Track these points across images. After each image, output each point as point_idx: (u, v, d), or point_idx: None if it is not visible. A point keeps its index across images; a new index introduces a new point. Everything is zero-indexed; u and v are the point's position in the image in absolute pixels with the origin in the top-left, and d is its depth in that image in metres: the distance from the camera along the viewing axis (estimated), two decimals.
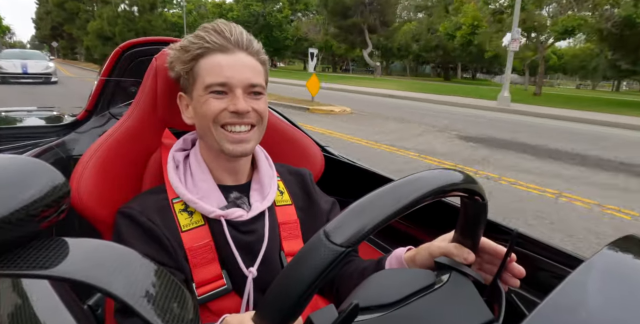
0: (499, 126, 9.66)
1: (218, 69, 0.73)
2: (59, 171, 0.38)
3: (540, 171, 5.41)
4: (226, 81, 0.73)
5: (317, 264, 0.42)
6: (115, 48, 1.53)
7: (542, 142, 7.50)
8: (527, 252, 0.86)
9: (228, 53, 0.74)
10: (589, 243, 3.15)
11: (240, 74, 0.74)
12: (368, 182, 1.34)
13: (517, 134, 8.42)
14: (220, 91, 0.74)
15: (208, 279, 0.75)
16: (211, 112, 0.74)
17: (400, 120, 9.76)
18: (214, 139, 0.76)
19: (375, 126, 8.57)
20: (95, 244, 0.38)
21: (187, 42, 0.76)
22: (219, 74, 0.73)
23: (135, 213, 0.74)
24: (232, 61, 0.74)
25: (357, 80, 26.67)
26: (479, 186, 0.56)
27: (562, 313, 0.48)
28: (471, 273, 0.62)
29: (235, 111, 0.73)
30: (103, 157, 0.83)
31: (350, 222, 0.44)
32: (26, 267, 0.33)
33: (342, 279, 0.84)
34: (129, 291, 0.34)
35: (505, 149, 6.73)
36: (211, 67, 0.74)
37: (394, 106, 13.35)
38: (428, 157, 5.93)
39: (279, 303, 0.43)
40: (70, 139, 1.55)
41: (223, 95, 0.74)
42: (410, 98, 16.26)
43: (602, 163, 6.03)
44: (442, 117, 10.65)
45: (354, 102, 13.22)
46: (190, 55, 0.75)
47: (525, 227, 2.33)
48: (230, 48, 0.75)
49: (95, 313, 1.03)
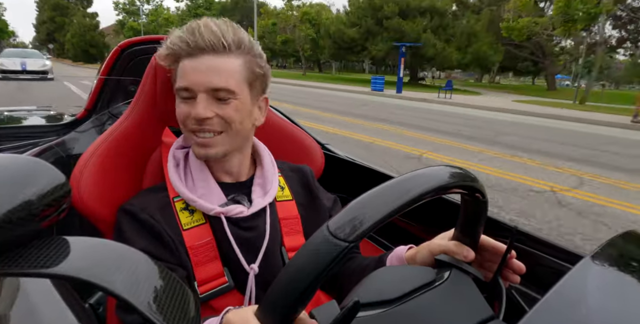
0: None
1: (185, 74, 0.72)
2: (59, 170, 0.38)
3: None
4: (188, 85, 0.72)
5: (320, 259, 0.42)
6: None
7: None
8: (527, 248, 0.86)
9: (194, 56, 0.72)
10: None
11: (203, 78, 0.71)
12: (368, 179, 1.34)
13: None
14: (187, 97, 0.73)
15: (210, 277, 0.75)
16: (180, 117, 0.75)
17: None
18: (190, 142, 0.78)
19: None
20: (96, 242, 0.39)
21: (168, 42, 0.74)
22: (184, 78, 0.72)
23: (137, 210, 0.74)
24: (196, 65, 0.72)
25: (286, 75, 31.22)
26: (480, 183, 0.56)
27: (562, 309, 0.48)
28: (471, 270, 0.62)
29: (194, 116, 0.72)
30: (103, 156, 0.83)
31: (353, 218, 0.45)
32: (27, 266, 0.33)
33: (344, 275, 0.84)
34: (130, 290, 0.34)
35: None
36: (181, 72, 0.73)
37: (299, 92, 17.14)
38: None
39: (282, 298, 0.43)
40: (70, 139, 1.55)
41: (191, 100, 0.73)
42: (308, 86, 22.53)
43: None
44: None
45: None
46: (169, 60, 0.75)
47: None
48: (194, 52, 0.72)
49: (96, 312, 1.04)
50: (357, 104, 13.45)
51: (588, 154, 6.69)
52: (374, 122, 9.24)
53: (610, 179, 5.14)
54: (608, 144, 7.92)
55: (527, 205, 3.97)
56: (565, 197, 4.32)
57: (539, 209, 3.88)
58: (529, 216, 3.62)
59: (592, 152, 6.97)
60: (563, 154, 6.56)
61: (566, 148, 7.18)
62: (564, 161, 6.07)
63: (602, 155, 6.74)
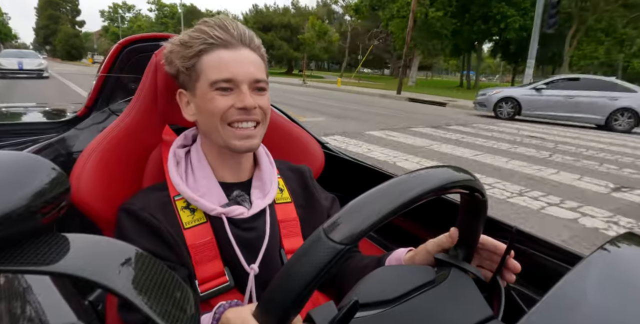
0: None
1: (223, 65, 0.72)
2: (59, 168, 0.38)
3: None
4: (232, 76, 0.72)
5: (316, 262, 0.42)
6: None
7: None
8: (527, 249, 0.86)
9: (232, 48, 0.73)
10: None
11: (246, 69, 0.73)
12: (368, 178, 1.34)
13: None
14: (226, 87, 0.73)
15: (211, 276, 0.75)
16: (218, 110, 0.73)
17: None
18: (220, 136, 0.76)
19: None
20: (95, 240, 0.38)
21: (187, 38, 0.74)
22: (225, 70, 0.72)
23: (138, 210, 0.74)
24: (237, 57, 0.73)
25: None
26: (479, 182, 0.56)
27: (562, 310, 0.48)
28: (471, 269, 0.62)
29: (243, 107, 0.73)
30: (103, 154, 0.83)
31: (349, 220, 0.44)
32: (27, 263, 0.33)
33: (342, 275, 0.84)
34: (130, 287, 0.34)
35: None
36: (216, 64, 0.72)
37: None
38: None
39: (279, 299, 0.43)
40: (70, 136, 1.55)
41: (229, 92, 0.73)
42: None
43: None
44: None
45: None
46: (193, 51, 0.73)
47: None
48: (234, 43, 0.74)
49: (96, 309, 1.04)
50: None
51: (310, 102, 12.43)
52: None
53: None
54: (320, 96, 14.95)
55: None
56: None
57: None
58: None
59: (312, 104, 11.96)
60: (317, 109, 10.54)
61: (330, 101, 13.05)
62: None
63: (318, 105, 11.71)
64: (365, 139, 6.52)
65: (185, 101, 0.79)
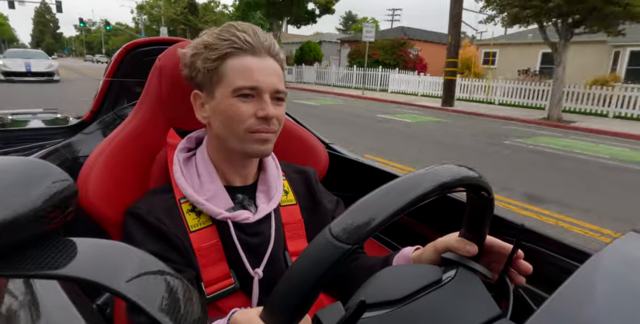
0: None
1: (249, 72, 0.72)
2: (66, 172, 0.38)
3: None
4: (257, 85, 0.72)
5: (323, 262, 0.42)
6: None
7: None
8: (534, 247, 0.86)
9: (259, 56, 0.73)
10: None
11: (270, 79, 0.73)
12: (372, 178, 1.34)
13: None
14: (248, 94, 0.73)
15: (216, 278, 0.75)
16: (239, 117, 0.73)
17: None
18: (237, 141, 0.75)
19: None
20: (103, 244, 0.39)
21: (213, 40, 0.74)
22: (250, 78, 0.72)
23: (144, 213, 0.74)
24: (262, 65, 0.73)
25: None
26: (485, 181, 0.56)
27: (570, 308, 0.48)
28: (478, 268, 0.62)
29: (265, 116, 0.73)
30: (109, 158, 0.83)
31: (355, 220, 0.44)
32: (35, 268, 0.34)
33: (349, 276, 0.84)
34: (137, 290, 0.35)
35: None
36: (241, 69, 0.72)
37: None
38: None
39: (286, 300, 0.43)
40: (76, 141, 1.56)
41: (250, 99, 0.73)
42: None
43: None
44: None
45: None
46: (218, 53, 0.73)
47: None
48: (262, 52, 0.74)
49: (104, 313, 1.04)
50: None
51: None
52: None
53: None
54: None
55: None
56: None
57: None
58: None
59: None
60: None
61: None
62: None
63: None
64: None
65: (200, 102, 0.79)
